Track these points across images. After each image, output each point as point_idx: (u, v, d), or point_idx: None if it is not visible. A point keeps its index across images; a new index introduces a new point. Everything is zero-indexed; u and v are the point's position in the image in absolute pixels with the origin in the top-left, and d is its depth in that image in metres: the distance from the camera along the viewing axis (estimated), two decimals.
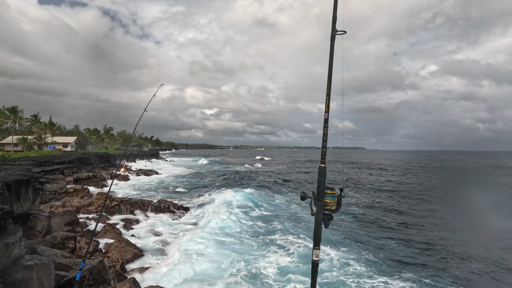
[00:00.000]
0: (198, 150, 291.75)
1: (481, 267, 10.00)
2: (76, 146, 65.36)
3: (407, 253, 11.28)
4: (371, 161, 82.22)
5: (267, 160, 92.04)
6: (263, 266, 9.61)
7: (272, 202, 20.52)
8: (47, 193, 18.06)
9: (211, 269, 9.22)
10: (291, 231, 13.53)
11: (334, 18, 2.41)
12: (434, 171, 48.96)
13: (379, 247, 11.79)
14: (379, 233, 13.72)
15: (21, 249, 5.48)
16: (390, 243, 12.45)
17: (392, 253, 11.16)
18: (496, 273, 9.51)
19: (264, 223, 14.77)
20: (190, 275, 8.65)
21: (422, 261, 10.43)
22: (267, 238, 12.49)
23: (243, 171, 47.45)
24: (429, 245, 12.13)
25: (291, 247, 11.33)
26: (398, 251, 11.48)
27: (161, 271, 8.85)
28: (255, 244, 11.78)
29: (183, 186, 28.54)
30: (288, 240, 12.20)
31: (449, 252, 11.35)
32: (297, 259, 10.23)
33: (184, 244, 11.07)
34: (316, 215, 2.34)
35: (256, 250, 11.11)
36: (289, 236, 12.80)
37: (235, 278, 8.72)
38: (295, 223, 15.00)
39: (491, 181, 33.14)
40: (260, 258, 10.31)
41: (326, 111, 2.36)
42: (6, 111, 52.72)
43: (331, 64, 2.35)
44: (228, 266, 9.52)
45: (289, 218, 15.92)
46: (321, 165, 2.34)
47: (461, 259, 10.71)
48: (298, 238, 12.48)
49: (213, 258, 9.97)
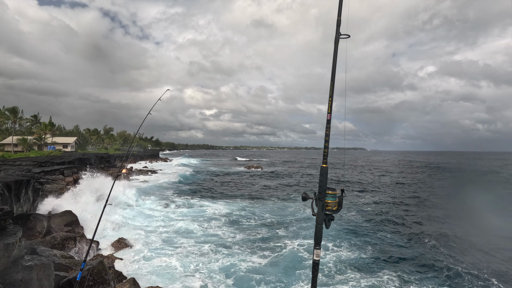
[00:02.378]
0: (198, 150, 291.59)
1: (481, 267, 9.98)
2: (76, 147, 65.32)
3: (407, 253, 11.26)
4: (371, 161, 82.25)
5: (240, 161, 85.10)
6: (263, 266, 9.60)
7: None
8: (47, 193, 18.03)
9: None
10: (290, 230, 13.52)
11: (339, 22, 2.42)
12: (434, 171, 48.97)
13: (379, 247, 11.78)
14: (379, 233, 13.71)
15: (21, 249, 5.47)
16: (390, 243, 12.43)
17: (392, 253, 11.14)
18: (497, 273, 9.50)
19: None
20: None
21: (422, 261, 10.41)
22: (266, 238, 12.48)
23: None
24: (429, 245, 12.10)
25: (291, 247, 11.32)
26: (398, 251, 11.46)
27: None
28: (255, 243, 11.77)
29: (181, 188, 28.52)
30: (288, 240, 12.19)
31: (449, 252, 11.33)
32: (297, 259, 10.22)
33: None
34: (317, 215, 2.34)
35: (256, 250, 11.10)
36: (288, 236, 12.79)
37: (233, 277, 8.71)
38: (294, 223, 14.99)
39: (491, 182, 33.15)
40: (260, 258, 10.30)
41: (328, 112, 2.37)
42: (6, 112, 52.70)
43: (335, 67, 2.36)
44: (228, 265, 9.52)
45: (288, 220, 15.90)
46: (323, 165, 2.35)
47: (461, 259, 10.69)
48: (298, 238, 12.47)
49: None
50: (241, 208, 18.68)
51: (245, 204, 20.06)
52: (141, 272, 8.92)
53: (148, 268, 9.27)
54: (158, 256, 10.24)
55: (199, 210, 18.00)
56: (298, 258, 10.31)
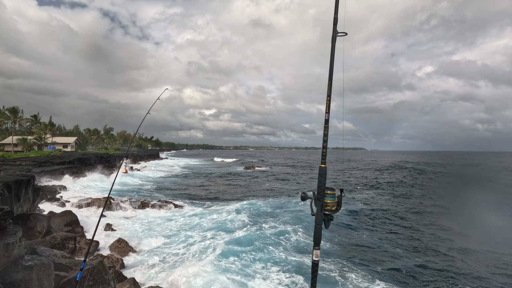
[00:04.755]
0: (196, 150, 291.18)
1: (482, 268, 9.99)
2: (76, 147, 65.30)
3: (407, 253, 11.26)
4: (371, 161, 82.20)
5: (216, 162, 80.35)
6: (262, 266, 9.60)
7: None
8: (47, 193, 18.04)
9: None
10: (290, 230, 13.52)
11: (335, 20, 2.38)
12: (436, 171, 48.95)
13: (378, 247, 11.78)
14: (379, 234, 13.71)
15: (21, 249, 5.48)
16: (389, 243, 12.43)
17: (392, 253, 11.14)
18: (497, 274, 9.51)
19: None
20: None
21: (422, 261, 10.40)
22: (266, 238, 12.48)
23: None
24: (428, 245, 12.11)
25: (290, 247, 11.32)
26: (398, 251, 11.46)
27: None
28: (254, 244, 11.78)
29: (180, 185, 28.55)
30: (287, 240, 12.19)
31: (449, 252, 11.34)
32: (297, 259, 10.23)
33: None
34: (316, 215, 2.35)
35: (256, 250, 11.10)
36: (288, 235, 12.79)
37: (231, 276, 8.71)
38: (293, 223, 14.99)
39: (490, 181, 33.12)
40: (259, 257, 10.30)
41: (326, 111, 2.36)
42: (6, 112, 52.70)
43: (332, 65, 2.33)
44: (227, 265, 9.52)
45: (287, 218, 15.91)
46: (322, 166, 2.34)
47: (460, 259, 10.70)
48: (297, 237, 12.47)
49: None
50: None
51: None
52: (141, 272, 8.92)
53: (148, 268, 9.27)
54: (159, 256, 10.26)
55: (197, 211, 18.01)
56: (297, 258, 10.32)
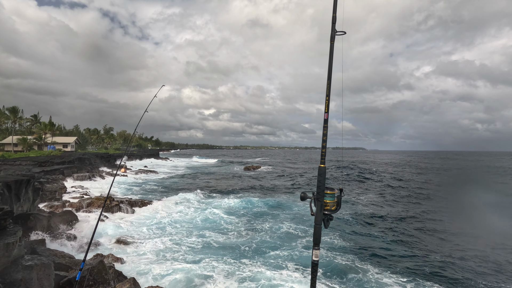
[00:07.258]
0: (194, 150, 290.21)
1: (481, 268, 9.99)
2: (76, 146, 65.30)
3: (407, 253, 11.26)
4: (371, 161, 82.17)
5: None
6: (262, 265, 9.61)
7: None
8: (47, 193, 18.04)
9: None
10: (290, 230, 13.53)
11: (334, 19, 2.36)
12: (435, 171, 48.96)
13: (378, 247, 11.78)
14: (378, 233, 13.71)
15: (21, 249, 5.48)
16: (389, 243, 12.44)
17: (392, 253, 11.14)
18: (497, 274, 9.51)
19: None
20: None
21: (421, 261, 10.41)
22: (265, 238, 12.49)
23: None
24: (428, 245, 12.12)
25: (290, 247, 11.33)
26: (397, 251, 11.46)
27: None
28: (253, 243, 11.78)
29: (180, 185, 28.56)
30: (287, 240, 12.20)
31: (448, 252, 11.34)
32: (297, 259, 10.23)
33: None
34: (315, 215, 2.34)
35: (255, 250, 11.11)
36: (288, 235, 12.80)
37: (230, 277, 8.72)
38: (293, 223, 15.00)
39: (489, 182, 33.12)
40: (258, 257, 10.31)
41: (325, 111, 2.35)
42: (7, 111, 52.70)
43: (331, 65, 2.32)
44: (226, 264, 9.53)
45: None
46: (321, 165, 2.34)
47: (461, 259, 10.69)
48: (297, 237, 12.48)
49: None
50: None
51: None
52: (141, 272, 8.92)
53: (148, 268, 9.27)
54: (159, 256, 10.26)
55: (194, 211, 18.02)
56: (297, 258, 10.33)
